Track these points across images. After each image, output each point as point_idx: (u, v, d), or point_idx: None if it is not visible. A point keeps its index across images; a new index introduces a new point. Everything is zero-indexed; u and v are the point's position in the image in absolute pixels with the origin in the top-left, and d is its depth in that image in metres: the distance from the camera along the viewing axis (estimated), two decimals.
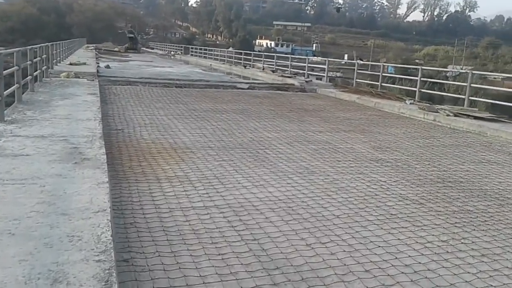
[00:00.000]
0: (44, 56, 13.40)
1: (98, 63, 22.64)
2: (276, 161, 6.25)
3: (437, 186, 5.46)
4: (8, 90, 7.59)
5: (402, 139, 8.50)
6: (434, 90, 26.61)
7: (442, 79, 35.37)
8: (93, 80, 13.76)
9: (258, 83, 18.03)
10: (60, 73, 14.95)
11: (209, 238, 3.60)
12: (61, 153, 5.10)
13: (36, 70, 11.55)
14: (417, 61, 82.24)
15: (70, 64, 18.70)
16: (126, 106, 10.40)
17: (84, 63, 19.76)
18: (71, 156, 5.02)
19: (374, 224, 4.09)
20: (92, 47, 45.05)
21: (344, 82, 21.02)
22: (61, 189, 3.94)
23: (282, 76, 20.68)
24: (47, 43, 15.06)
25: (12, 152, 4.93)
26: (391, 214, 4.37)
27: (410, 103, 12.81)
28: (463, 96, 12.45)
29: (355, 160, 6.54)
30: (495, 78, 57.08)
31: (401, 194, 5.03)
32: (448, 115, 10.70)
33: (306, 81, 18.27)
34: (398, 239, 3.80)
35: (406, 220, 4.24)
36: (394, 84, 26.93)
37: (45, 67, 13.44)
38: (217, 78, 19.46)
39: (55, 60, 17.35)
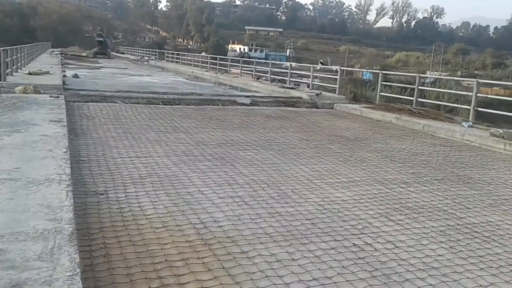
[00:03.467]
0: None
1: (64, 71, 19.19)
2: (415, 279, 3.29)
3: None
4: None
5: None
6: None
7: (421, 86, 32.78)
8: (57, 96, 10.50)
9: (260, 97, 15.07)
10: (15, 86, 11.64)
11: None
12: None
13: None
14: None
15: (29, 73, 15.27)
16: (107, 140, 7.24)
17: (47, 72, 16.35)
18: None
19: None
20: (57, 52, 41.18)
21: (325, 89, 18.39)
22: None
23: (283, 87, 17.79)
24: None
25: None
26: None
27: (469, 126, 10.11)
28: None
29: None
30: (468, 84, 55.89)
31: None
32: None
33: (317, 94, 15.42)
34: None
35: None
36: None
37: None
38: (209, 90, 16.37)
39: (9, 69, 13.96)
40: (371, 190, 5.39)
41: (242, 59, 24.76)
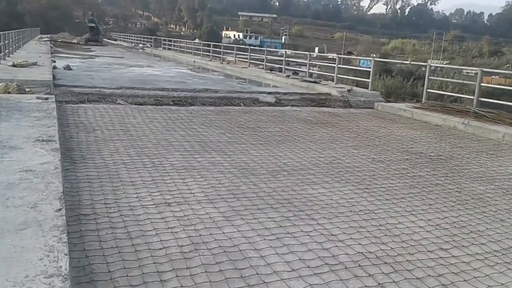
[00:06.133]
0: None
1: (55, 62, 16.89)
2: None
3: None
4: None
5: None
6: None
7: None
8: (47, 98, 8.31)
9: (284, 93, 12.92)
10: None
11: None
12: None
13: None
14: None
15: (14, 65, 13.00)
16: (117, 170, 5.10)
17: (35, 63, 14.09)
18: None
19: None
20: (46, 38, 38.57)
21: (322, 78, 16.44)
22: None
23: (304, 81, 15.64)
24: None
25: None
26: None
27: None
28: None
29: None
30: (468, 73, 53.95)
31: None
32: None
33: (348, 90, 13.32)
34: None
35: None
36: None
37: None
38: (223, 85, 14.18)
39: None
40: None
41: (251, 47, 22.46)
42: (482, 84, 10.70)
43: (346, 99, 12.72)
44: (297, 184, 5.01)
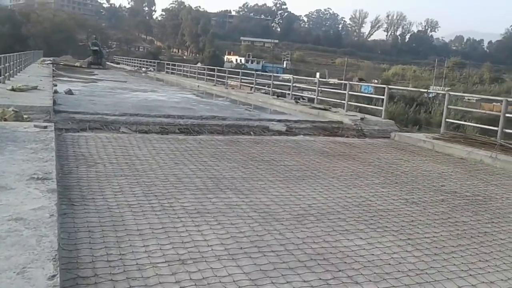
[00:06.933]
0: None
1: (56, 86, 16.35)
2: None
3: None
4: None
5: None
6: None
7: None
8: (45, 127, 7.70)
9: (294, 121, 12.34)
10: None
11: None
12: None
13: None
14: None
15: (13, 89, 12.45)
16: (121, 215, 4.40)
17: (35, 87, 13.54)
18: None
19: None
20: (49, 61, 38.26)
21: (325, 103, 16.15)
22: None
23: (313, 107, 15.10)
24: None
25: None
26: None
27: None
28: None
29: None
30: (469, 99, 53.43)
31: None
32: None
33: (361, 118, 12.75)
34: None
35: None
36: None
37: None
38: (231, 112, 13.60)
39: None
40: None
41: (257, 72, 22.05)
42: (507, 115, 10.07)
43: (359, 128, 12.15)
44: (329, 233, 4.36)
